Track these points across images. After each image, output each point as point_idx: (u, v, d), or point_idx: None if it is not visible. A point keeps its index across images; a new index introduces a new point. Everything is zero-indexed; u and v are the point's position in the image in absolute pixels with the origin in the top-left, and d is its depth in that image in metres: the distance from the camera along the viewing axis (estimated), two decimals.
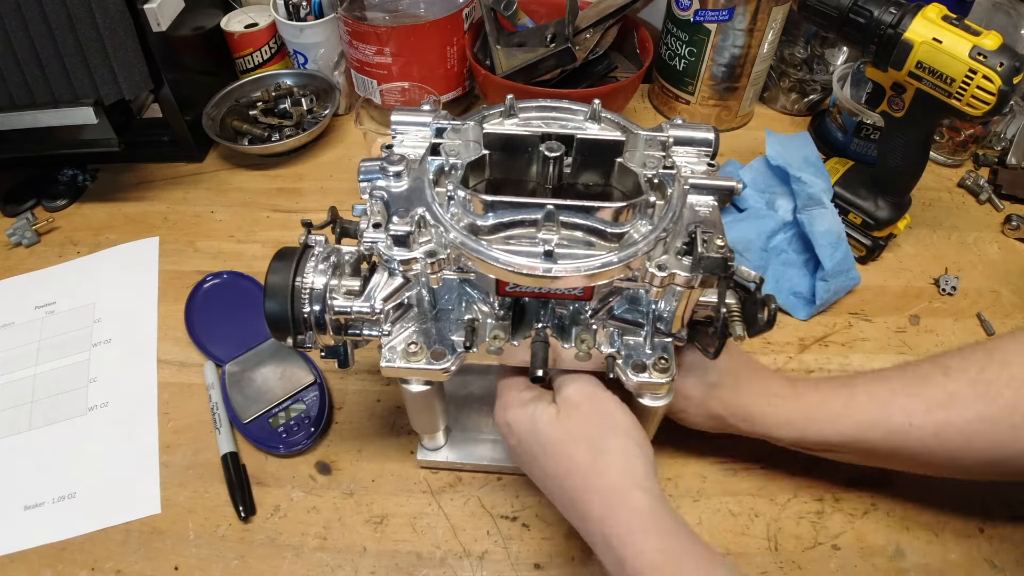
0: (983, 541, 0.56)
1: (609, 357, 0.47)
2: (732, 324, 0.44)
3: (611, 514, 0.43)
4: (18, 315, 0.72)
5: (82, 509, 0.58)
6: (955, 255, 0.78)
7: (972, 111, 0.60)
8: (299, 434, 0.60)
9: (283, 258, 0.45)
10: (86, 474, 0.60)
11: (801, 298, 0.71)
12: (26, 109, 0.72)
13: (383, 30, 0.82)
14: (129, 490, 0.59)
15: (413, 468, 0.60)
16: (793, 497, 0.58)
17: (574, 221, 0.41)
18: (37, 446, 0.62)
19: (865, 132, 0.82)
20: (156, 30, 0.75)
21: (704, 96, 0.89)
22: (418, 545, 0.55)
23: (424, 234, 0.43)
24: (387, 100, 0.88)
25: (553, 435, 0.46)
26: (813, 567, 0.54)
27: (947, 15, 0.61)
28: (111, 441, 0.62)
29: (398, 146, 0.48)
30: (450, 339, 0.48)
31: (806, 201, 0.72)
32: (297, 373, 0.64)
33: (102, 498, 0.58)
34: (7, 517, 0.57)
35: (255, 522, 0.57)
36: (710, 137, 0.48)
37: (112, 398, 0.65)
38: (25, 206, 0.82)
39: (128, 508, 0.57)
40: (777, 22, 0.83)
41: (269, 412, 0.61)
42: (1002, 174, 0.85)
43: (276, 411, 0.62)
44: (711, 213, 0.45)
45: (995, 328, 0.70)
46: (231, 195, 0.85)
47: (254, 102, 0.89)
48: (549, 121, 0.49)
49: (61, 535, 0.56)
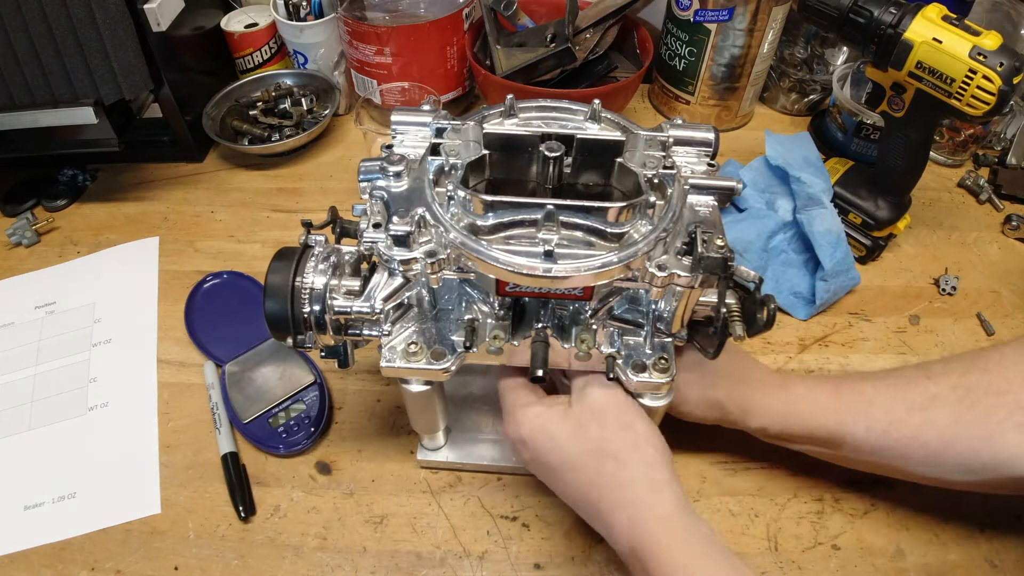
0: (983, 541, 0.56)
1: (609, 357, 0.47)
2: (732, 324, 0.44)
3: (638, 526, 0.43)
4: (18, 315, 0.72)
5: (82, 509, 0.58)
6: (955, 255, 0.78)
7: (972, 111, 0.60)
8: (299, 434, 0.60)
9: (283, 258, 0.45)
10: (86, 474, 0.60)
11: (801, 298, 0.71)
12: (26, 109, 0.72)
13: (383, 30, 0.82)
14: (129, 490, 0.59)
15: (413, 468, 0.60)
16: (793, 497, 0.58)
17: (574, 221, 0.41)
18: (37, 446, 0.62)
19: (865, 132, 0.82)
20: (156, 30, 0.75)
21: (704, 96, 0.89)
22: (418, 545, 0.55)
23: (424, 234, 0.43)
24: (387, 100, 0.88)
25: (574, 450, 0.46)
26: (813, 567, 0.54)
27: (947, 15, 0.61)
28: (111, 441, 0.62)
29: (398, 146, 0.48)
30: (450, 339, 0.48)
31: (805, 201, 0.72)
32: (297, 373, 0.64)
33: (102, 498, 0.58)
34: (7, 517, 0.57)
35: (255, 522, 0.57)
36: (710, 137, 0.48)
37: (112, 398, 0.65)
38: (25, 206, 0.82)
39: (128, 508, 0.57)
40: (777, 22, 0.83)
41: (269, 412, 0.61)
42: (1002, 174, 0.85)
43: (276, 411, 0.62)
44: (711, 213, 0.45)
45: (995, 328, 0.70)
46: (231, 195, 0.85)
47: (254, 102, 0.89)
48: (549, 121, 0.49)
49: (61, 535, 0.56)
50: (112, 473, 0.60)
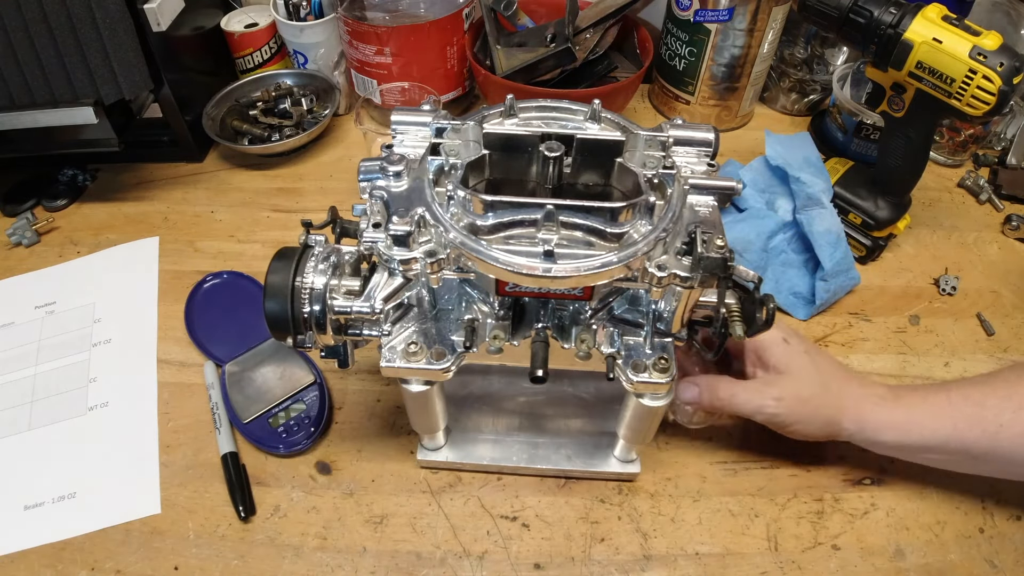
0: (983, 541, 0.56)
1: (609, 357, 0.47)
2: (732, 324, 0.44)
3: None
4: (18, 315, 0.72)
5: (82, 509, 0.58)
6: (955, 255, 0.78)
7: (972, 111, 0.60)
8: (299, 434, 0.60)
9: (283, 258, 0.45)
10: (86, 474, 0.60)
11: (801, 298, 0.71)
12: (26, 109, 0.72)
13: (383, 30, 0.82)
14: (129, 490, 0.59)
15: (413, 468, 0.60)
16: (793, 497, 0.58)
17: (574, 221, 0.41)
18: (37, 446, 0.62)
19: (865, 132, 0.82)
20: (156, 30, 0.75)
21: (704, 96, 0.89)
22: (418, 545, 0.55)
23: (424, 234, 0.43)
24: (387, 100, 0.88)
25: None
26: (813, 567, 0.54)
27: (947, 15, 0.61)
28: (111, 441, 0.62)
29: (398, 146, 0.48)
30: (450, 339, 0.48)
31: (805, 201, 0.72)
32: (297, 373, 0.64)
33: (102, 498, 0.58)
34: (7, 517, 0.57)
35: (255, 522, 0.57)
36: (710, 137, 0.48)
37: (112, 398, 0.65)
38: (25, 206, 0.82)
39: (128, 508, 0.57)
40: (777, 22, 0.83)
41: (269, 412, 0.61)
42: (1002, 174, 0.85)
43: (276, 411, 0.62)
44: (711, 213, 0.45)
45: (995, 328, 0.70)
46: (231, 195, 0.85)
47: (254, 102, 0.89)
48: (549, 121, 0.49)
49: (61, 535, 0.56)
50: (112, 473, 0.60)
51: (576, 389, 0.63)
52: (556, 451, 0.59)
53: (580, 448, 0.59)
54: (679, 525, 0.57)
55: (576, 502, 0.58)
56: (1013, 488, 0.58)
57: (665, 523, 0.57)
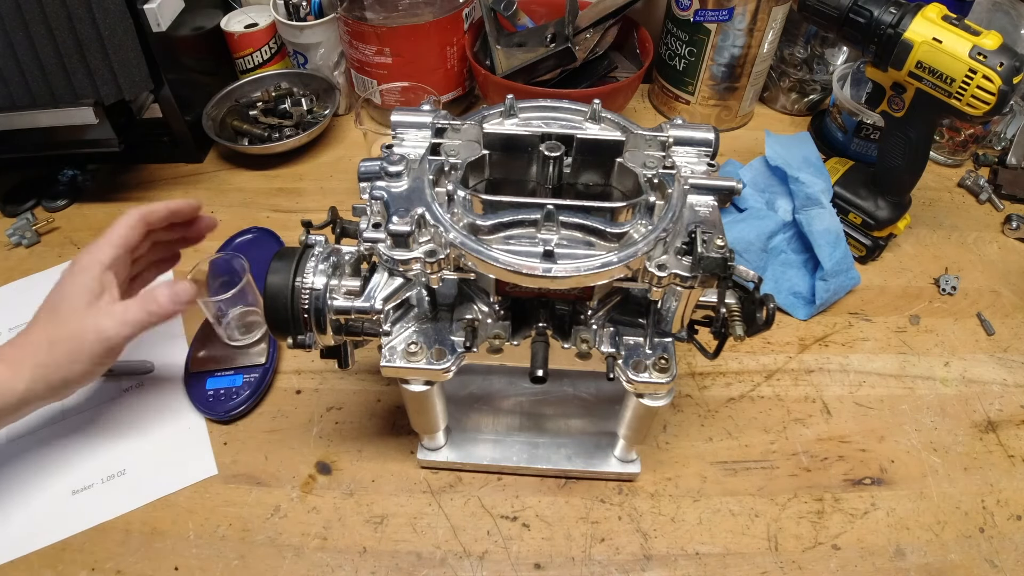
0: (983, 541, 0.56)
1: (609, 357, 0.47)
2: (732, 324, 0.44)
3: None
4: (26, 318, 0.71)
5: (135, 484, 0.59)
6: (955, 255, 0.78)
7: (972, 111, 0.61)
8: (224, 404, 0.62)
9: (283, 258, 0.45)
10: (132, 450, 0.61)
11: (801, 298, 0.71)
12: (26, 109, 0.72)
13: (383, 30, 0.82)
14: (180, 456, 0.60)
15: (413, 468, 0.60)
16: (793, 497, 0.58)
17: (574, 221, 0.41)
18: (76, 433, 0.62)
19: (865, 132, 0.82)
20: (156, 30, 0.75)
21: (704, 96, 0.89)
22: (418, 545, 0.55)
23: (424, 234, 0.43)
24: (387, 100, 0.88)
25: None
26: (813, 567, 0.54)
27: (947, 15, 0.61)
28: (150, 414, 0.63)
29: (398, 146, 0.48)
30: (450, 339, 0.48)
31: (804, 201, 0.72)
32: (254, 351, 0.66)
33: (155, 470, 0.60)
34: (55, 506, 0.58)
35: (255, 522, 0.57)
36: (710, 137, 0.48)
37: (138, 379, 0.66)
38: (25, 206, 0.82)
39: (183, 474, 0.59)
40: (777, 22, 0.83)
41: (212, 373, 0.64)
42: (1002, 174, 0.85)
43: (220, 374, 0.64)
44: (711, 213, 0.45)
45: (995, 328, 0.70)
46: (231, 195, 0.85)
47: (254, 102, 0.89)
48: (549, 121, 0.49)
49: (116, 512, 0.57)
50: (160, 443, 0.61)
51: (576, 389, 0.63)
52: (556, 451, 0.59)
53: (580, 448, 0.59)
54: (679, 525, 0.57)
55: (576, 502, 0.58)
56: (1013, 488, 0.58)
57: (665, 523, 0.57)
